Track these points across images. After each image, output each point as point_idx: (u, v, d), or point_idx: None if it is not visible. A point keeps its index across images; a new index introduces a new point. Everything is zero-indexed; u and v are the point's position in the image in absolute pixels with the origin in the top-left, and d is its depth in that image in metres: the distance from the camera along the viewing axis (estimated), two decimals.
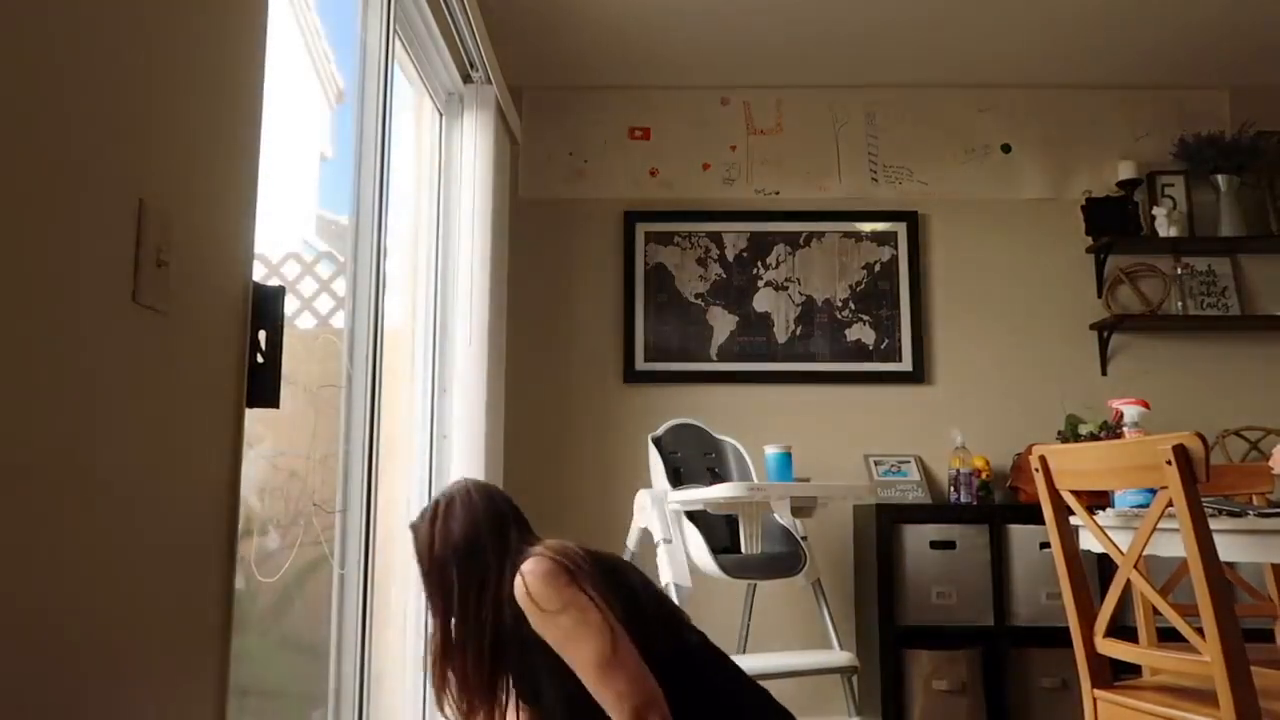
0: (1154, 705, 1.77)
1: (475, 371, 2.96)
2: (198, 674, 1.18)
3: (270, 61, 1.40)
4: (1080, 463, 1.89)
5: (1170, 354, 3.82)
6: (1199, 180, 3.86)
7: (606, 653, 1.57)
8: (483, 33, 2.95)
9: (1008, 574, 3.34)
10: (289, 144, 2.72)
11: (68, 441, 0.93)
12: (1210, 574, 1.60)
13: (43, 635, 0.89)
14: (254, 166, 1.33)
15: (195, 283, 1.16)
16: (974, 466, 3.56)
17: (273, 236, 2.31)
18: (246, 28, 1.32)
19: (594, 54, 3.72)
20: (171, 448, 1.12)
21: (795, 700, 3.59)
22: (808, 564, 3.04)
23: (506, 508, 1.85)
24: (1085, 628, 1.91)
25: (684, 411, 3.55)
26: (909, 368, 3.82)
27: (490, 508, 1.81)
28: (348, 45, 2.33)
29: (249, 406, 1.31)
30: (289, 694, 2.35)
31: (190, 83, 1.16)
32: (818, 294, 3.88)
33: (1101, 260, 3.86)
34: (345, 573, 2.06)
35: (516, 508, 1.88)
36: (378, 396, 2.14)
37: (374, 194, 2.20)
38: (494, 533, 1.77)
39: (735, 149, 3.98)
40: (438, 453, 2.95)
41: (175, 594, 1.13)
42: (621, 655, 1.57)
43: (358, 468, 2.07)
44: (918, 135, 3.97)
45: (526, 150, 3.81)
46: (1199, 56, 3.72)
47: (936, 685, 3.22)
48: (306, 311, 2.40)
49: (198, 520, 1.19)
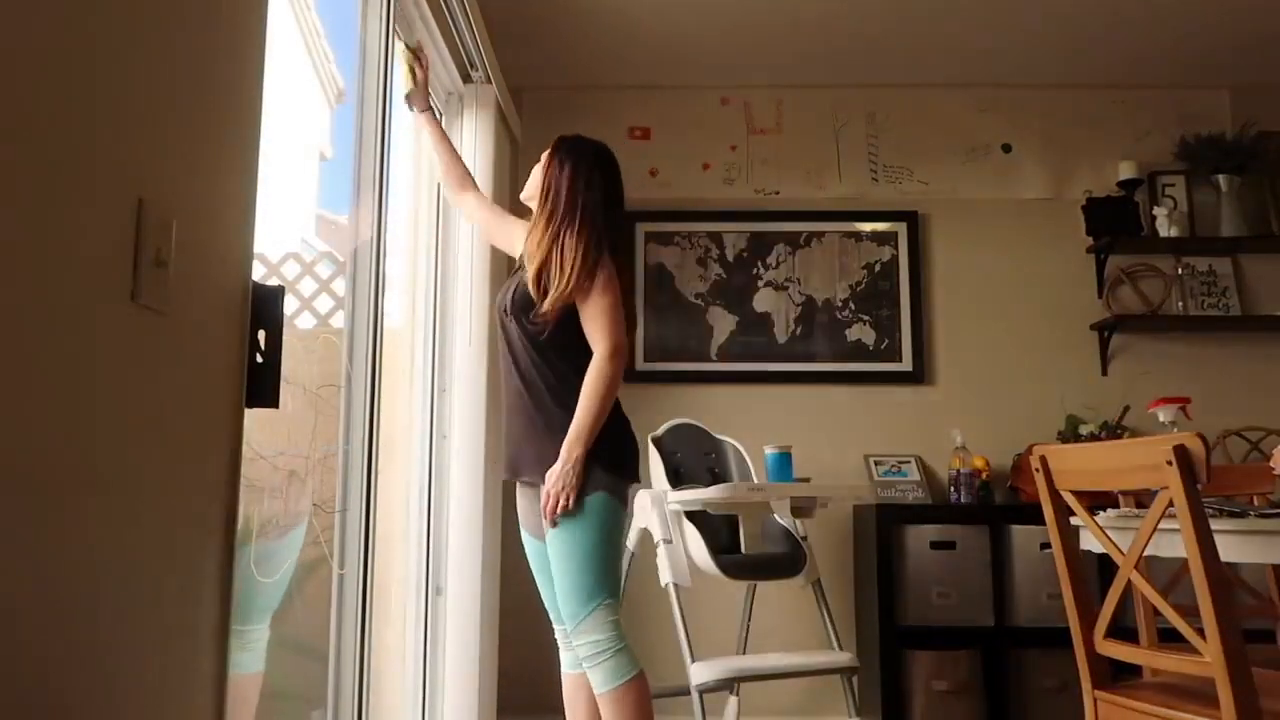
0: (1154, 706, 1.77)
1: (475, 371, 2.96)
2: (196, 673, 1.18)
3: (270, 61, 1.40)
4: (1081, 463, 1.89)
5: (1171, 354, 3.82)
6: (1200, 180, 3.85)
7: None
8: (483, 33, 2.95)
9: (1008, 574, 3.34)
10: (289, 144, 2.72)
11: (67, 441, 0.92)
12: (1211, 574, 1.60)
13: (43, 635, 0.89)
14: (254, 166, 1.33)
15: (195, 282, 1.16)
16: (974, 466, 3.56)
17: (273, 236, 2.31)
18: (246, 28, 1.32)
19: (594, 54, 3.72)
20: (171, 448, 1.12)
21: (795, 700, 3.59)
22: (808, 564, 3.04)
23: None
24: (1086, 628, 1.91)
25: (684, 411, 3.54)
26: (909, 368, 3.81)
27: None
28: (348, 45, 2.33)
29: (249, 406, 1.31)
30: (289, 694, 2.35)
31: (190, 83, 1.16)
32: (818, 294, 3.88)
33: (1102, 260, 3.86)
34: (345, 573, 2.06)
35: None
36: (377, 396, 2.14)
37: (374, 194, 2.20)
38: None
39: (735, 149, 3.98)
40: (438, 453, 2.95)
41: (175, 593, 1.12)
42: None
43: (358, 468, 2.07)
44: (918, 135, 3.97)
45: (526, 150, 3.81)
46: (1200, 56, 3.72)
47: (936, 685, 3.22)
48: (306, 311, 2.40)
49: (198, 520, 1.19)
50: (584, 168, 2.20)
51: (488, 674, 2.97)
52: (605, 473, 2.09)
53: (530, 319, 2.15)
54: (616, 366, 2.10)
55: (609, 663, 2.01)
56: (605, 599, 2.03)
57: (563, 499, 2.04)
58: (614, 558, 2.10)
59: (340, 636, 2.03)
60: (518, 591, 3.38)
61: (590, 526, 2.05)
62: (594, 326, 2.12)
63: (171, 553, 1.12)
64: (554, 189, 2.20)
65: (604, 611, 2.03)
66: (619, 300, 2.14)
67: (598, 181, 2.20)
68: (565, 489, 2.04)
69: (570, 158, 2.22)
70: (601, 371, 2.09)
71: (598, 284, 2.12)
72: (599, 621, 2.02)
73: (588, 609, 2.02)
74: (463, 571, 2.86)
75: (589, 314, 2.13)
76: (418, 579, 2.85)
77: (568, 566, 2.05)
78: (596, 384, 2.08)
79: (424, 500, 2.89)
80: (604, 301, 2.12)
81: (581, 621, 2.02)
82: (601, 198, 2.19)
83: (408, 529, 2.85)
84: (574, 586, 2.04)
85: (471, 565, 2.87)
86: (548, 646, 2.34)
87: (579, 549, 2.04)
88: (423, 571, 2.86)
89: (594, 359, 2.11)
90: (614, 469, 2.11)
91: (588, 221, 2.16)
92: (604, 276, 2.13)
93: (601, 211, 2.18)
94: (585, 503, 2.05)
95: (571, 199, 2.17)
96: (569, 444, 2.06)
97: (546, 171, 2.23)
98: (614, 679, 2.01)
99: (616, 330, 2.11)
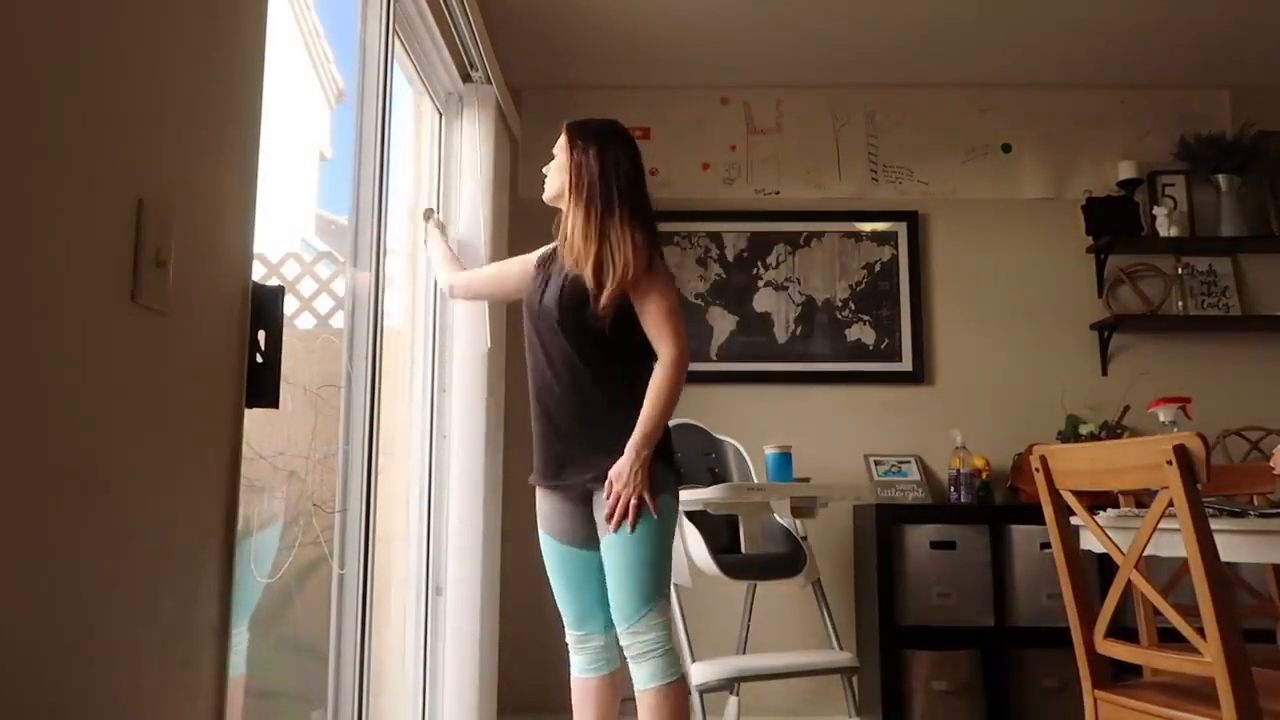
0: (1154, 706, 1.77)
1: (475, 371, 2.96)
2: (196, 673, 1.18)
3: (270, 61, 1.40)
4: (1081, 463, 1.88)
5: (1171, 354, 3.82)
6: (1200, 180, 3.85)
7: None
8: (482, 33, 2.95)
9: (1008, 574, 3.34)
10: (289, 144, 2.72)
11: (67, 441, 0.92)
12: (1211, 574, 1.60)
13: (42, 635, 0.89)
14: (254, 166, 1.33)
15: (195, 283, 1.16)
16: (974, 466, 3.56)
17: (273, 236, 2.31)
18: (246, 28, 1.32)
19: (594, 54, 3.72)
20: (171, 448, 1.12)
21: (795, 700, 3.59)
22: (808, 564, 3.04)
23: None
24: (1086, 628, 1.91)
25: (684, 412, 3.54)
26: (909, 368, 3.81)
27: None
28: (348, 45, 2.33)
29: (249, 406, 1.31)
30: (289, 694, 2.35)
31: (190, 82, 1.16)
32: (818, 294, 3.88)
33: (1102, 260, 3.86)
34: (345, 573, 2.06)
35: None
36: (377, 396, 2.14)
37: (374, 194, 2.20)
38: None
39: (735, 149, 3.98)
40: (438, 453, 2.95)
41: (175, 593, 1.12)
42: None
43: (358, 468, 2.07)
44: (918, 135, 3.97)
45: (526, 150, 3.81)
46: (1200, 56, 3.72)
47: (936, 685, 3.22)
48: (306, 311, 2.40)
49: (197, 520, 1.19)
50: (611, 148, 2.17)
51: (488, 674, 2.97)
52: (668, 474, 2.10)
53: (588, 318, 2.09)
54: (683, 369, 2.09)
55: (659, 660, 2.02)
56: (661, 599, 2.05)
57: (634, 501, 2.03)
58: (670, 558, 2.11)
59: (340, 636, 2.03)
60: (518, 591, 3.39)
61: (658, 529, 2.05)
62: (660, 329, 2.10)
63: (171, 553, 1.12)
64: (586, 176, 2.15)
65: (661, 611, 2.04)
66: (679, 303, 2.15)
67: (625, 160, 2.18)
68: (637, 491, 2.03)
69: (593, 140, 2.18)
70: (669, 375, 2.08)
71: (658, 283, 2.11)
72: (654, 621, 2.03)
73: (647, 608, 2.03)
74: (463, 571, 2.86)
75: (652, 314, 2.10)
76: (418, 579, 2.85)
77: (632, 567, 2.04)
78: (664, 387, 2.07)
79: (424, 500, 2.89)
80: (668, 303, 2.11)
81: (638, 621, 2.03)
82: (633, 176, 2.17)
83: (408, 529, 2.85)
84: (636, 587, 2.03)
85: (471, 565, 2.86)
86: (548, 647, 2.34)
87: (646, 550, 2.04)
88: (423, 571, 2.86)
89: (663, 360, 2.09)
90: (672, 470, 2.13)
91: (628, 205, 2.13)
92: (664, 277, 2.13)
93: (636, 191, 2.17)
94: (656, 504, 2.05)
95: (606, 184, 2.14)
96: (636, 446, 2.04)
97: (570, 160, 2.18)
98: (661, 677, 2.02)
99: (683, 333, 2.11)
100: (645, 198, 2.20)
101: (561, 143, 2.23)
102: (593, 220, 2.11)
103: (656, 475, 2.06)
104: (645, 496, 2.03)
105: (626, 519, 2.03)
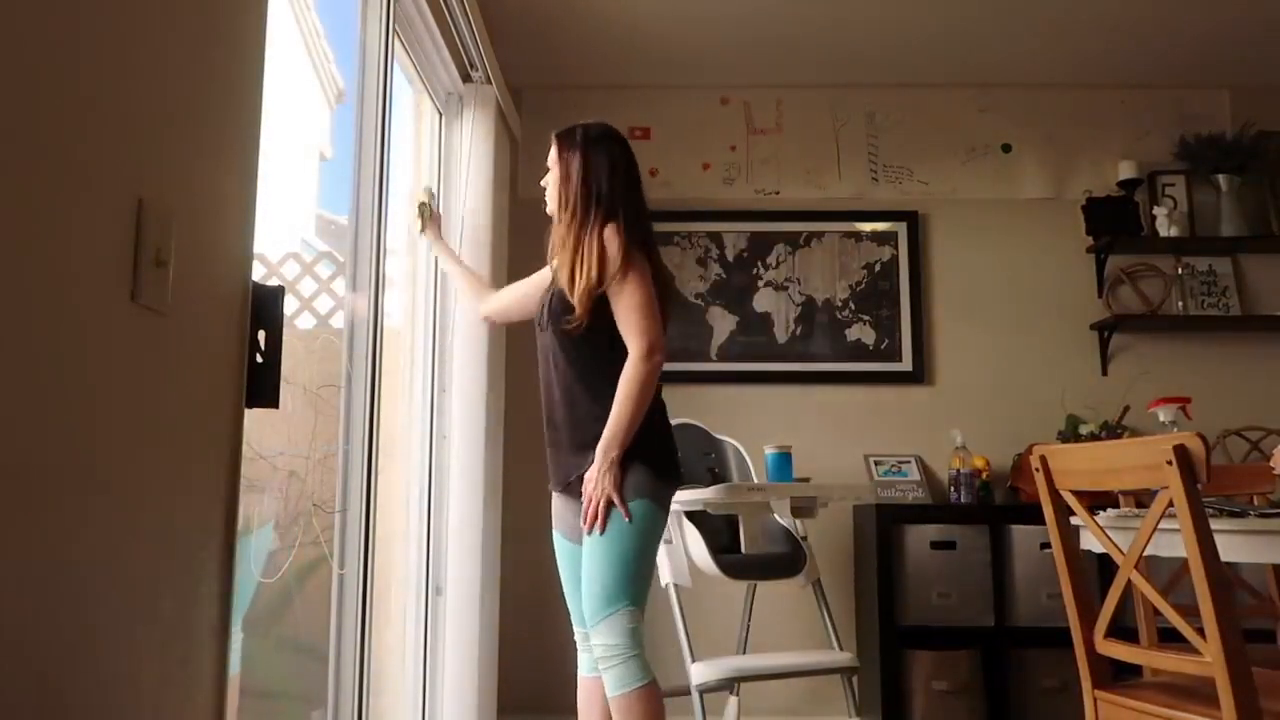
0: (1154, 706, 1.77)
1: (475, 371, 2.96)
2: (196, 673, 1.18)
3: (270, 61, 1.40)
4: (1081, 463, 1.88)
5: (1171, 354, 3.82)
6: (1200, 180, 3.85)
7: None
8: (482, 33, 2.95)
9: (1008, 574, 3.34)
10: (289, 144, 2.73)
11: (67, 441, 0.92)
12: (1211, 574, 1.60)
13: (42, 634, 0.89)
14: (254, 166, 1.33)
15: (195, 283, 1.16)
16: (974, 466, 3.56)
17: (273, 236, 2.31)
18: (246, 28, 1.32)
19: (594, 54, 3.72)
20: (171, 448, 1.12)
21: (795, 700, 3.59)
22: (808, 564, 3.04)
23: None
24: (1086, 628, 1.91)
25: (684, 412, 3.54)
26: (909, 368, 3.81)
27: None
28: (348, 45, 2.33)
29: (249, 406, 1.31)
30: (289, 694, 2.35)
31: (190, 82, 1.16)
32: (818, 294, 3.88)
33: (1102, 260, 3.86)
34: (345, 573, 2.06)
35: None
36: (377, 396, 2.14)
37: (374, 194, 2.20)
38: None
39: (735, 149, 3.98)
40: (438, 453, 2.95)
41: (175, 593, 1.12)
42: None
43: (358, 468, 2.07)
44: (918, 135, 3.97)
45: (526, 150, 3.81)
46: (1199, 56, 3.72)
47: (936, 685, 3.22)
48: (306, 311, 2.41)
49: (197, 520, 1.19)
50: (594, 153, 2.18)
51: (488, 674, 2.97)
52: (648, 478, 2.05)
53: (565, 321, 2.09)
54: (652, 366, 2.04)
55: (619, 668, 1.99)
56: (627, 604, 2.00)
57: (602, 505, 2.01)
58: (646, 566, 2.06)
59: (340, 636, 2.03)
60: (518, 591, 3.39)
61: (628, 533, 2.02)
62: (627, 324, 2.07)
63: (171, 553, 1.12)
64: (566, 187, 2.17)
65: (623, 617, 2.00)
66: (652, 296, 2.09)
67: (606, 163, 2.17)
68: (604, 493, 2.01)
69: (576, 149, 2.19)
70: (636, 371, 2.04)
71: (630, 281, 2.07)
72: (616, 626, 2.00)
73: (607, 611, 2.00)
74: (463, 571, 2.86)
75: (622, 311, 2.07)
76: (418, 579, 2.86)
77: (598, 567, 2.02)
78: (630, 385, 2.03)
79: (424, 500, 2.89)
80: (636, 298, 2.06)
81: (600, 622, 2.01)
82: (616, 177, 2.16)
83: (408, 529, 2.85)
84: (599, 587, 2.01)
85: (471, 565, 2.87)
86: (548, 647, 2.34)
87: (613, 552, 2.01)
88: (423, 571, 2.86)
89: (629, 359, 2.05)
90: (658, 474, 2.07)
91: (604, 210, 2.12)
92: (636, 271, 2.08)
93: (621, 195, 2.15)
94: (627, 508, 2.02)
95: (584, 193, 2.14)
96: (603, 447, 2.02)
97: (558, 171, 2.20)
98: (623, 685, 1.99)
99: (651, 328, 2.05)
100: (634, 196, 2.19)
101: (551, 154, 2.25)
102: (570, 230, 2.13)
103: (634, 479, 2.03)
104: (615, 498, 2.01)
105: (598, 521, 2.01)
